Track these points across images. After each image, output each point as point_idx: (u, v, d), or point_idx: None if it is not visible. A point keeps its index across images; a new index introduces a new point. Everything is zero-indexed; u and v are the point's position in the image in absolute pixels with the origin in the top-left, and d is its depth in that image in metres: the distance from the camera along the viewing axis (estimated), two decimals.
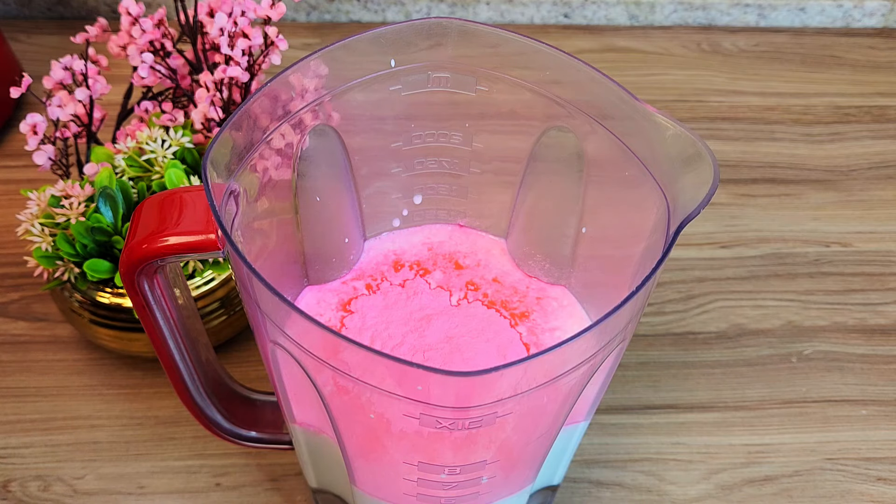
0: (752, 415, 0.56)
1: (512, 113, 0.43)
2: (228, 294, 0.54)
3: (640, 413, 0.56)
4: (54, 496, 0.51)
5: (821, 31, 0.84)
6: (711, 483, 0.53)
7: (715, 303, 0.62)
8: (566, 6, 0.83)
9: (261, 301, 0.34)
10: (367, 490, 0.42)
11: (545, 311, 0.45)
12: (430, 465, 0.37)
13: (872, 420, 0.56)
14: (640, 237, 0.40)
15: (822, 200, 0.69)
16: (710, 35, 0.83)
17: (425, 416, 0.33)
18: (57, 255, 0.51)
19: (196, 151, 0.54)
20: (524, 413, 0.35)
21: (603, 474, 0.53)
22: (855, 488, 0.53)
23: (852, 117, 0.76)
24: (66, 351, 0.58)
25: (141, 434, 0.54)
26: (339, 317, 0.44)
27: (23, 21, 0.82)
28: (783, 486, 0.53)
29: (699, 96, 0.77)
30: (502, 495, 0.42)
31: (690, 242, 0.66)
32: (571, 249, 0.45)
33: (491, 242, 0.48)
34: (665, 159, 0.37)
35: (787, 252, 0.66)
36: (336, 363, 0.33)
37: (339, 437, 0.39)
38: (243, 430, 0.48)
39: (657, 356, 0.59)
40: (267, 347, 0.37)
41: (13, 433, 0.54)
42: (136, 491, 0.52)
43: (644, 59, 0.80)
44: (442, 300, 0.45)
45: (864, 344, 0.60)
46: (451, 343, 0.42)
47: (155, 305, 0.40)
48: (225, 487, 0.52)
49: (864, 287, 0.64)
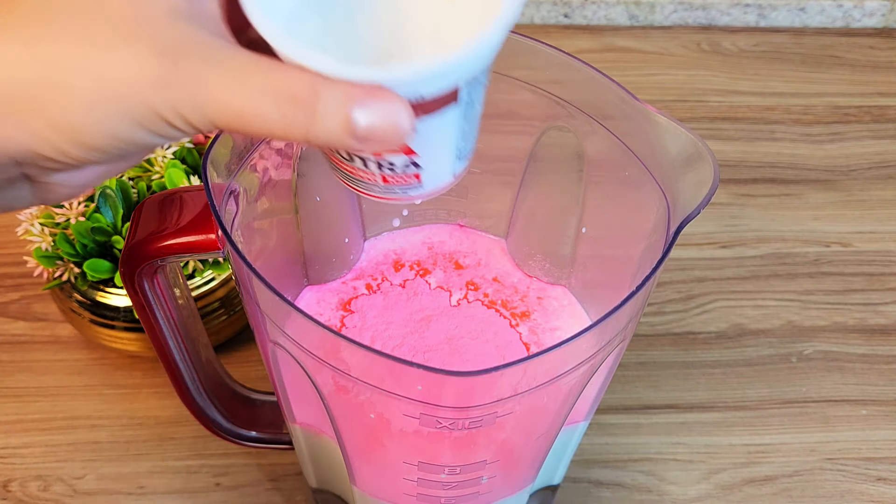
0: (752, 415, 0.56)
1: (512, 113, 0.43)
2: (228, 294, 0.54)
3: (640, 413, 0.56)
4: (54, 496, 0.51)
5: (821, 31, 0.84)
6: (711, 483, 0.53)
7: (715, 303, 0.62)
8: (566, 6, 0.83)
9: (261, 301, 0.34)
10: (367, 490, 0.42)
11: (546, 311, 0.45)
12: (430, 464, 0.37)
13: (872, 420, 0.56)
14: (641, 237, 0.40)
15: (822, 200, 0.69)
16: (710, 35, 0.83)
17: (425, 416, 0.33)
18: (57, 255, 0.51)
19: (196, 151, 0.54)
20: (524, 413, 0.35)
21: (603, 474, 0.53)
22: (855, 488, 0.53)
23: (852, 117, 0.76)
24: (66, 351, 0.58)
25: (141, 434, 0.54)
26: (339, 316, 0.44)
27: None
28: (783, 486, 0.53)
29: (699, 96, 0.77)
30: (502, 495, 0.42)
31: (690, 242, 0.66)
32: (571, 249, 0.45)
33: (491, 242, 0.48)
34: (665, 159, 0.37)
35: (787, 252, 0.66)
36: (336, 363, 0.33)
37: (339, 437, 0.39)
38: (243, 430, 0.48)
39: (657, 356, 0.59)
40: (267, 347, 0.37)
41: (13, 433, 0.54)
42: (136, 491, 0.52)
43: (644, 59, 0.80)
44: (442, 301, 0.45)
45: (864, 344, 0.60)
46: (450, 344, 0.42)
47: (155, 305, 0.40)
48: (225, 487, 0.52)
49: (864, 287, 0.64)
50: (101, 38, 0.24)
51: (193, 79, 0.24)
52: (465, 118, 0.28)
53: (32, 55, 0.24)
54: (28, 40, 0.24)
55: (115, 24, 0.24)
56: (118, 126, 0.24)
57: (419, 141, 0.27)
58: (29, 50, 0.24)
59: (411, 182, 0.29)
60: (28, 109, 0.24)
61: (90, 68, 0.24)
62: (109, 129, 0.24)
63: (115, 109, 0.24)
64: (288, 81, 0.24)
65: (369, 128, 0.24)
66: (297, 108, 0.24)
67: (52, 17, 0.24)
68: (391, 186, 0.29)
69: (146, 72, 0.23)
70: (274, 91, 0.24)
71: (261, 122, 0.24)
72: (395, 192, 0.30)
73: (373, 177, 0.29)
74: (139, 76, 0.23)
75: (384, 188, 0.30)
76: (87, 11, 0.24)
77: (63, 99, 0.24)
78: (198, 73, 0.24)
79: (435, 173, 0.30)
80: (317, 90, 0.24)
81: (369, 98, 0.24)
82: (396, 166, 0.28)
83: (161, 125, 0.24)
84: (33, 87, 0.24)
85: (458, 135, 0.29)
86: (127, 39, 0.24)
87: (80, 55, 0.24)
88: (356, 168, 0.29)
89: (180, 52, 0.24)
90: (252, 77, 0.24)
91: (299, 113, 0.24)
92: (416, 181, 0.29)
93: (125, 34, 0.24)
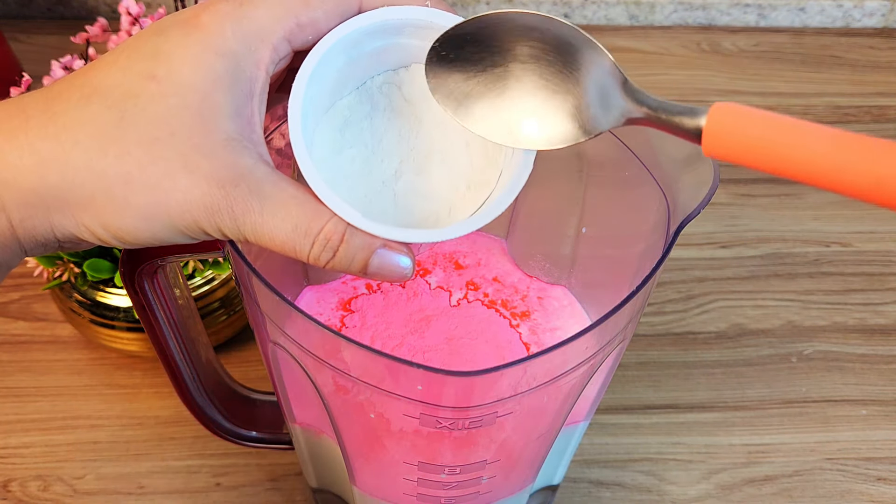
0: (752, 415, 0.56)
1: None
2: (228, 294, 0.54)
3: (640, 413, 0.56)
4: (54, 496, 0.51)
5: (821, 31, 0.84)
6: (711, 483, 0.53)
7: (715, 303, 0.62)
8: (566, 6, 0.83)
9: (261, 301, 0.34)
10: (367, 490, 0.42)
11: (547, 311, 0.45)
12: (430, 464, 0.37)
13: (872, 420, 0.56)
14: (640, 237, 0.40)
15: (822, 200, 0.69)
16: (710, 35, 0.83)
17: (425, 415, 0.33)
18: (57, 254, 0.51)
19: None
20: (524, 413, 0.35)
21: (603, 474, 0.53)
22: (855, 488, 0.53)
23: (852, 117, 0.76)
24: (66, 351, 0.58)
25: (141, 434, 0.54)
26: (339, 316, 0.44)
27: (23, 21, 0.82)
28: (783, 486, 0.53)
29: (699, 96, 0.77)
30: (502, 495, 0.42)
31: (690, 242, 0.66)
32: (571, 249, 0.45)
33: (491, 242, 0.48)
34: (665, 159, 0.37)
35: (787, 252, 0.66)
36: (336, 363, 0.33)
37: (339, 437, 0.39)
38: (243, 430, 0.48)
39: (657, 356, 0.59)
40: (267, 347, 0.37)
41: (13, 433, 0.54)
42: (136, 491, 0.52)
43: (644, 59, 0.80)
44: (442, 301, 0.45)
45: (864, 344, 0.60)
46: (450, 344, 0.42)
47: (155, 305, 0.40)
48: (225, 487, 0.52)
49: (863, 287, 0.64)
50: (166, 166, 0.27)
51: (241, 209, 0.28)
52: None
53: (101, 169, 0.27)
54: (97, 153, 0.27)
55: (181, 154, 0.27)
56: (161, 232, 0.28)
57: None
58: (97, 163, 0.27)
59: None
60: (82, 210, 0.28)
61: (152, 191, 0.27)
62: (153, 234, 0.28)
63: (164, 223, 0.28)
64: (322, 223, 0.29)
65: (379, 267, 0.30)
66: (326, 247, 0.29)
67: (122, 135, 0.27)
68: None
69: (202, 199, 0.27)
70: (309, 231, 0.28)
71: (290, 251, 0.29)
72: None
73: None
74: (195, 203, 0.27)
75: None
76: (158, 139, 0.27)
77: (121, 210, 0.27)
78: (246, 204, 0.28)
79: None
80: (345, 237, 0.29)
81: (385, 248, 0.30)
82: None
83: (200, 235, 0.29)
84: (95, 195, 0.27)
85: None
86: (189, 170, 0.27)
87: (146, 178, 0.27)
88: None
89: (231, 184, 0.28)
90: (291, 214, 0.28)
91: (327, 251, 0.29)
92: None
93: (188, 166, 0.27)
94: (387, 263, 0.30)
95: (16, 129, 0.27)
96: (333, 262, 0.29)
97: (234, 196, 0.28)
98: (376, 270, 0.30)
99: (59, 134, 0.27)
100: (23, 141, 0.27)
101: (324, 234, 0.28)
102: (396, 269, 0.30)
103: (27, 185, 0.27)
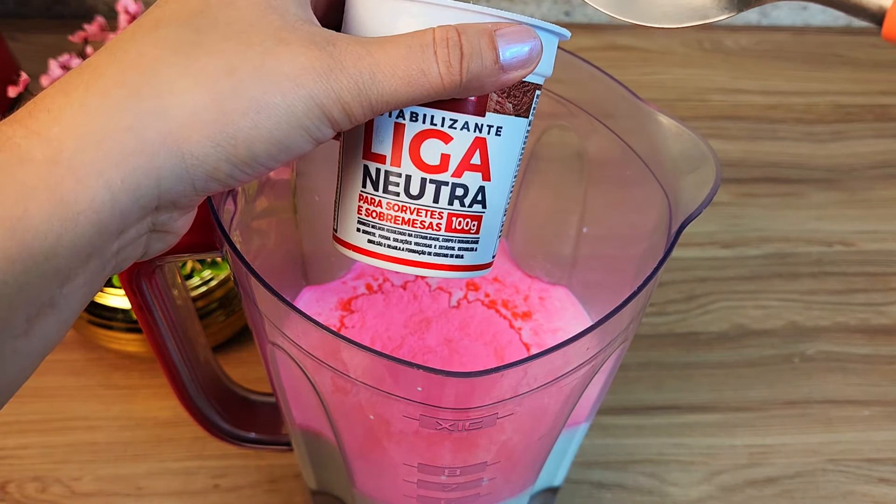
0: (754, 416, 0.56)
1: None
2: (227, 294, 0.54)
3: (642, 414, 0.56)
4: (52, 497, 0.51)
5: (823, 30, 0.84)
6: (713, 484, 0.53)
7: (717, 303, 0.62)
8: (567, 4, 0.82)
9: (259, 301, 0.34)
10: (367, 491, 0.42)
11: (548, 312, 0.45)
12: (430, 466, 0.37)
13: (875, 421, 0.56)
14: (642, 237, 0.40)
15: (824, 200, 0.69)
16: (712, 33, 0.83)
17: (425, 417, 0.33)
18: None
19: None
20: (525, 414, 0.35)
21: (604, 476, 0.53)
22: (857, 489, 0.53)
23: (855, 116, 0.76)
24: (64, 351, 0.58)
25: (139, 435, 0.54)
26: (339, 316, 0.44)
27: (21, 20, 0.82)
28: (785, 488, 0.53)
29: (701, 95, 0.76)
30: (503, 497, 0.42)
31: (692, 242, 0.66)
32: (572, 249, 0.45)
33: None
34: (667, 158, 0.36)
35: (790, 252, 0.65)
36: (335, 364, 0.33)
37: (338, 439, 0.39)
38: (242, 432, 0.47)
39: (659, 357, 0.59)
40: (266, 348, 0.37)
41: (10, 434, 0.54)
42: (134, 492, 0.51)
43: (645, 57, 0.80)
44: (442, 302, 0.45)
45: (867, 344, 0.60)
46: (450, 345, 0.42)
47: (153, 306, 0.40)
48: (223, 489, 0.52)
49: (866, 287, 0.63)
50: (262, 46, 0.26)
51: (351, 59, 0.26)
52: (518, 158, 0.31)
53: (198, 70, 0.25)
54: (185, 60, 0.25)
55: (270, 35, 0.26)
56: (278, 129, 0.26)
57: (493, 154, 0.30)
58: (192, 67, 0.25)
59: (471, 230, 0.31)
60: (188, 135, 0.25)
61: (258, 72, 0.25)
62: (269, 134, 0.26)
63: (280, 112, 0.26)
64: (431, 33, 0.27)
65: (510, 49, 0.27)
66: (451, 46, 0.27)
67: (205, 40, 0.26)
68: (450, 241, 0.31)
69: (311, 63, 0.26)
70: (423, 41, 0.26)
71: (418, 77, 0.26)
72: (450, 250, 0.31)
73: (438, 221, 0.30)
74: (306, 69, 0.26)
75: (442, 244, 0.31)
76: (242, 31, 0.26)
77: (229, 113, 0.25)
78: (351, 52, 0.26)
79: (488, 236, 0.31)
80: (459, 29, 0.27)
81: (503, 26, 0.27)
82: (468, 195, 0.30)
83: (319, 123, 0.26)
84: (197, 106, 0.25)
85: (515, 165, 0.31)
86: (286, 43, 0.26)
87: (247, 61, 0.25)
88: (424, 207, 0.30)
89: (329, 43, 0.26)
90: (396, 40, 0.27)
91: (453, 50, 0.27)
92: (474, 236, 0.31)
93: (283, 41, 0.26)
94: (514, 44, 0.27)
95: (89, 82, 0.25)
96: (465, 63, 0.27)
97: (337, 51, 0.26)
98: (510, 56, 0.27)
99: (138, 61, 0.25)
100: (101, 85, 0.25)
101: (439, 36, 0.27)
102: (527, 46, 0.28)
103: (121, 133, 0.24)
